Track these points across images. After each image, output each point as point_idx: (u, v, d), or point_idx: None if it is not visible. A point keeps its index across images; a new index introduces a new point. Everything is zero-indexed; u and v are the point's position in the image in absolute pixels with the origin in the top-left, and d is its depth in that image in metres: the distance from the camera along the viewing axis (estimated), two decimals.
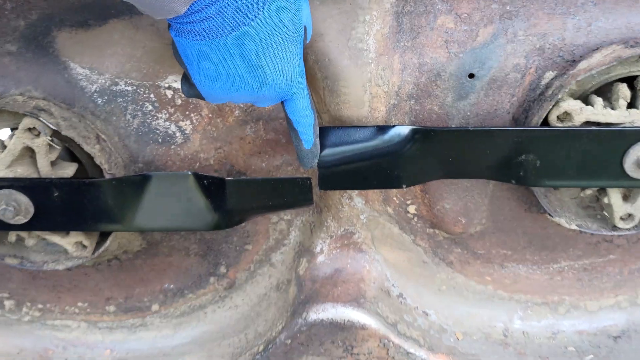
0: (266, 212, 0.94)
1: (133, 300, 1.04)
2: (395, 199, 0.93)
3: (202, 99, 0.75)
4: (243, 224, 0.99)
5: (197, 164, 0.96)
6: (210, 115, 0.88)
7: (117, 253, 1.02)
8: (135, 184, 0.86)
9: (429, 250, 1.04)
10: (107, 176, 0.88)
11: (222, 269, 1.06)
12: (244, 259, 1.06)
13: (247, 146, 0.93)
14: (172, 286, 1.04)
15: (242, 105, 0.89)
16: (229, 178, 0.88)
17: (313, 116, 0.78)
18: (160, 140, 0.91)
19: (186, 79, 0.76)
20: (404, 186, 0.86)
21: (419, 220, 0.96)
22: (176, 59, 0.71)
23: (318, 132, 0.82)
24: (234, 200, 0.88)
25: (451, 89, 0.82)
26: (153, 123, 0.90)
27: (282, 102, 0.76)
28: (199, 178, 0.86)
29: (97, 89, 0.86)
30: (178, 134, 0.92)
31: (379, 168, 0.84)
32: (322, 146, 0.84)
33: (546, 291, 1.00)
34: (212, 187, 0.87)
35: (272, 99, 0.73)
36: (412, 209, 0.99)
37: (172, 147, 0.92)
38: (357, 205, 0.94)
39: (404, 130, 0.83)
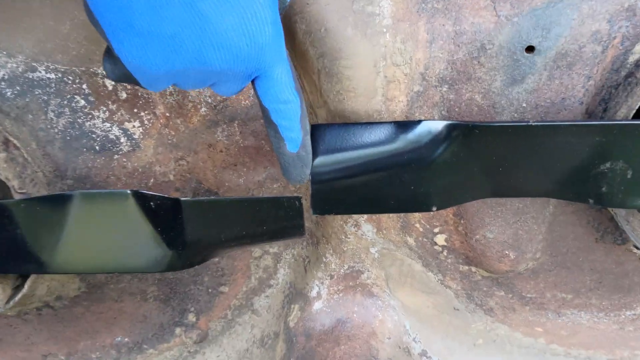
0: (242, 245, 0.69)
1: (78, 356, 0.87)
2: (418, 226, 0.68)
3: (136, 83, 0.49)
4: (216, 259, 0.84)
5: (152, 180, 0.73)
6: (167, 114, 0.71)
7: (47, 299, 0.82)
8: (52, 208, 0.62)
9: (462, 294, 0.81)
10: (16, 196, 0.62)
11: (191, 317, 0.89)
12: (218, 304, 0.88)
13: (218, 156, 0.76)
14: (126, 339, 0.87)
15: (209, 100, 0.66)
16: (185, 198, 0.61)
17: (299, 102, 0.52)
18: (97, 147, 0.73)
19: (110, 53, 0.51)
20: (434, 208, 0.60)
21: (449, 254, 0.73)
22: (90, 21, 0.47)
23: (308, 129, 0.56)
24: (194, 229, 0.63)
25: (500, 69, 0.57)
26: (87, 124, 0.72)
27: (252, 83, 0.51)
28: (143, 198, 0.60)
29: (6, 76, 0.67)
30: (123, 139, 0.73)
31: (398, 183, 0.59)
32: (316, 151, 0.59)
33: (615, 344, 0.83)
34: (161, 211, 0.62)
35: (236, 76, 0.48)
36: (440, 239, 0.74)
37: (116, 157, 0.73)
38: (366, 234, 0.72)
39: (435, 126, 0.57)
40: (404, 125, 0.61)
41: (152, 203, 0.64)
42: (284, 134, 0.56)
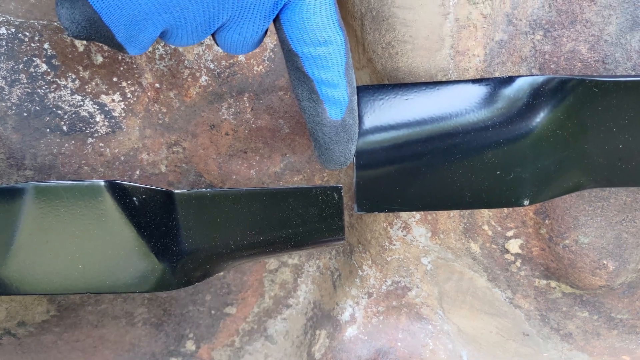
0: (257, 255, 0.53)
1: None
2: (486, 228, 0.54)
3: (107, 37, 0.34)
4: (221, 272, 0.69)
5: (137, 172, 0.64)
6: (157, 85, 0.58)
7: (7, 325, 0.69)
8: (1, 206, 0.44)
9: (535, 315, 0.68)
10: None
11: (190, 345, 0.75)
12: (223, 328, 0.75)
13: (223, 140, 0.62)
14: None
15: (212, 66, 0.56)
16: (181, 191, 0.44)
17: (343, 44, 0.36)
18: (65, 128, 0.58)
19: None
20: (526, 202, 0.44)
21: (523, 265, 0.64)
22: None
23: (355, 86, 0.39)
24: (193, 233, 0.48)
25: (618, 7, 0.40)
26: (51, 97, 0.56)
27: (275, 22, 0.34)
28: (122, 192, 0.45)
29: None
30: (99, 117, 0.58)
31: (478, 166, 0.44)
32: (360, 125, 0.42)
33: None
34: (148, 208, 0.46)
35: (257, 6, 0.32)
36: (514, 245, 0.58)
37: (90, 140, 0.58)
38: (417, 240, 0.63)
39: (536, 83, 0.40)
40: (488, 85, 0.43)
41: (135, 198, 0.48)
42: (324, 92, 0.39)
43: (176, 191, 0.48)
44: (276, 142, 0.63)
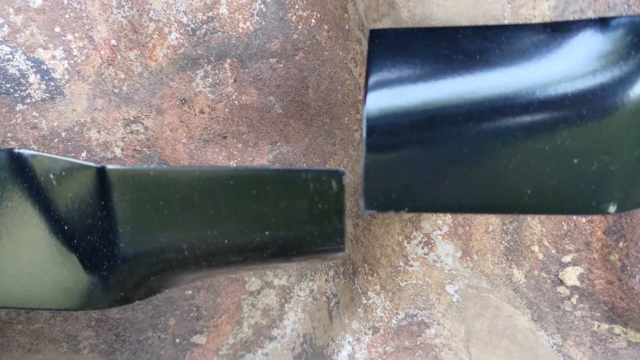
0: (222, 266, 0.39)
1: None
2: (536, 249, 0.44)
3: None
4: (189, 292, 0.57)
5: (83, 154, 0.49)
6: (113, 41, 0.46)
7: None
8: None
9: None
10: None
11: None
12: None
13: (196, 120, 0.49)
14: None
15: (185, 19, 0.42)
16: (116, 166, 0.31)
17: None
18: None
19: None
20: (611, 208, 0.30)
21: (581, 302, 0.50)
22: None
23: None
24: (135, 229, 0.32)
25: None
26: None
27: None
28: (29, 166, 0.29)
29: None
30: (34, 77, 0.45)
31: (545, 150, 0.30)
32: (374, 83, 0.28)
33: None
34: (69, 191, 0.31)
35: None
36: (572, 275, 0.46)
37: (19, 107, 0.45)
38: (442, 260, 0.51)
39: None
40: (567, 30, 0.30)
41: (51, 175, 0.34)
42: None
43: (111, 166, 0.34)
44: (264, 126, 0.50)
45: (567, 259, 0.45)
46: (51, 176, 0.34)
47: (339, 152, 0.52)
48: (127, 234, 0.35)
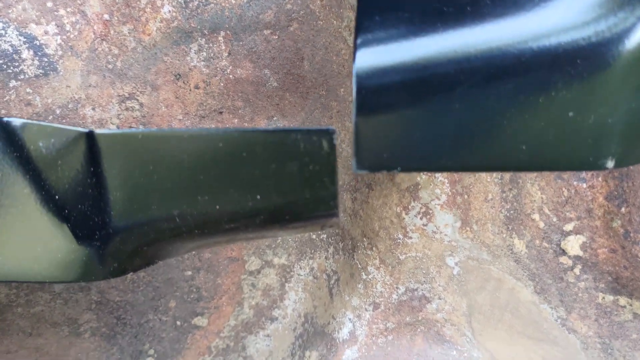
0: (212, 235, 0.37)
1: None
2: (537, 217, 0.40)
3: None
4: (189, 272, 0.56)
5: None
6: (106, 16, 0.45)
7: None
8: None
9: (594, 343, 0.51)
10: None
11: None
12: (192, 345, 0.60)
13: (191, 96, 0.48)
14: None
15: None
16: (104, 130, 0.30)
17: None
18: None
19: None
20: (609, 163, 0.30)
21: (585, 272, 0.48)
22: None
23: None
24: (121, 196, 0.31)
25: None
26: None
27: None
28: (13, 133, 0.29)
29: None
30: (27, 53, 0.45)
31: (541, 102, 0.30)
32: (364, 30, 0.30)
33: None
34: (58, 159, 0.31)
35: None
36: (574, 244, 0.44)
37: (13, 84, 0.45)
38: (441, 231, 0.48)
39: None
40: None
41: (40, 143, 0.33)
42: None
43: (99, 131, 0.33)
44: (260, 101, 0.49)
45: (568, 227, 0.44)
46: (40, 144, 0.34)
47: (335, 125, 0.51)
48: (118, 201, 0.35)
